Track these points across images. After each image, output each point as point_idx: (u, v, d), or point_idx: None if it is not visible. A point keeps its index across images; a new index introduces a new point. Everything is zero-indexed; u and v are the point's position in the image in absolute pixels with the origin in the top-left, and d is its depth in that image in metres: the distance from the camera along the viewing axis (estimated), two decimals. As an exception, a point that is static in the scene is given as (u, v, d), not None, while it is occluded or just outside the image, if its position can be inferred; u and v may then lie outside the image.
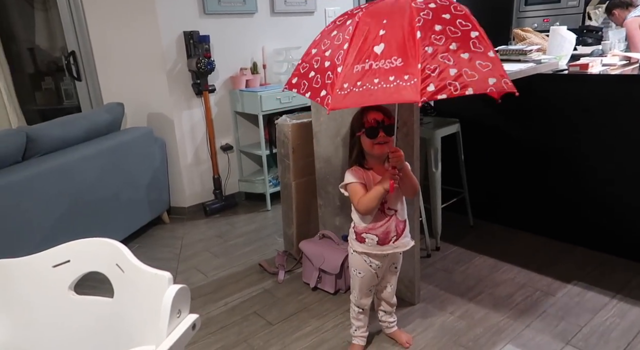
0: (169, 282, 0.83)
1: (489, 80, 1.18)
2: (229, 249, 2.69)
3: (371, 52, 1.21)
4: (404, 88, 1.14)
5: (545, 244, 2.45)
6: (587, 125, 2.25)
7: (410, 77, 1.14)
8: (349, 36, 1.27)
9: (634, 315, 1.84)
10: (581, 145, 2.29)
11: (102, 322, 0.93)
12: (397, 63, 1.17)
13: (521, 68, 2.18)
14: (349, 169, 1.56)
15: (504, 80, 1.20)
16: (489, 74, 1.19)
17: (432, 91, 1.13)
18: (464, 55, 1.18)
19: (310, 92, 1.34)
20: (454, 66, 1.16)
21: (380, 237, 1.55)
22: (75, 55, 2.99)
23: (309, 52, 1.43)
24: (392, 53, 1.18)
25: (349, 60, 1.23)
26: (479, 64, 1.19)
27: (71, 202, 2.26)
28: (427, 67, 1.14)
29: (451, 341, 1.77)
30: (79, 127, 2.47)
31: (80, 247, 0.92)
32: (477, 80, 1.17)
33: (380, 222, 1.54)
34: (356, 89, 1.19)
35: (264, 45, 3.30)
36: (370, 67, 1.19)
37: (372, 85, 1.17)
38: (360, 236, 1.58)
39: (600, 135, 2.22)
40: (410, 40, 1.18)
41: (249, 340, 1.86)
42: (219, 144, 3.26)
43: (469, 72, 1.17)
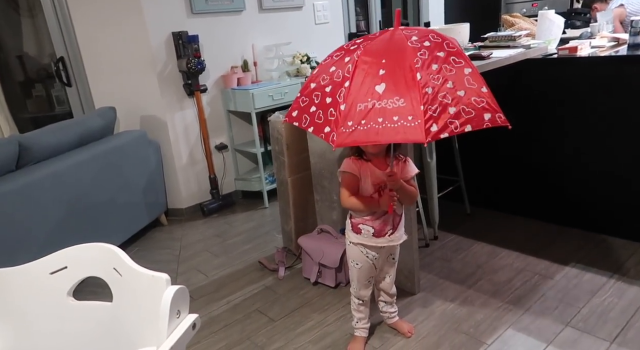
0: (167, 284, 0.84)
1: (484, 116, 1.25)
2: (228, 248, 2.69)
3: (373, 92, 1.24)
4: (409, 128, 1.19)
5: (542, 228, 2.47)
6: (578, 109, 2.26)
7: (414, 118, 1.19)
8: (349, 74, 1.31)
9: (632, 294, 1.86)
10: (573, 128, 2.30)
11: (102, 327, 0.93)
12: (400, 104, 1.21)
13: (510, 54, 2.18)
14: (348, 157, 1.57)
15: (498, 115, 1.27)
16: (484, 110, 1.26)
17: (436, 131, 1.19)
18: (460, 92, 1.24)
19: (313, 126, 1.38)
20: (453, 104, 1.22)
21: (377, 229, 1.56)
22: (64, 61, 2.98)
23: (307, 86, 1.45)
24: (393, 93, 1.23)
25: (352, 99, 1.27)
26: (474, 100, 1.25)
27: (68, 209, 2.26)
28: (429, 107, 1.20)
29: (452, 328, 1.79)
30: (72, 133, 2.47)
31: (76, 252, 0.92)
32: (474, 116, 1.24)
33: (378, 213, 1.55)
34: (361, 127, 1.23)
35: (254, 42, 3.29)
36: (374, 106, 1.23)
37: (377, 124, 1.21)
38: (356, 227, 1.59)
39: (591, 118, 2.23)
40: (410, 82, 1.22)
41: (252, 337, 1.87)
42: (214, 144, 3.25)
43: (466, 109, 1.23)
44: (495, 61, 2.08)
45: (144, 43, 2.86)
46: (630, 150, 2.15)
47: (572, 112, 2.28)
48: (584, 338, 1.66)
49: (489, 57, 2.12)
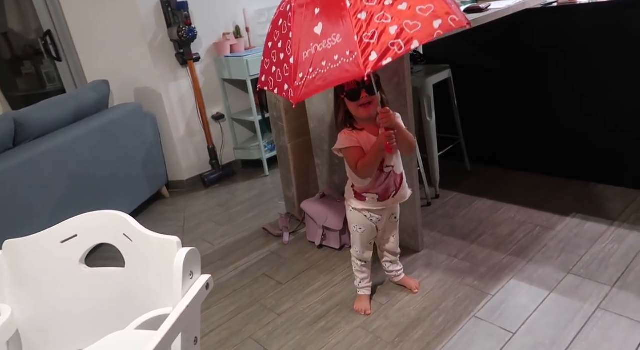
0: (178, 246, 0.85)
1: (433, 23, 1.11)
2: (232, 217, 2.72)
3: (313, 35, 1.17)
4: (348, 65, 1.10)
5: (543, 181, 2.49)
6: (579, 59, 2.23)
7: (350, 51, 1.10)
8: (290, 23, 1.23)
9: (632, 240, 1.90)
10: (573, 79, 2.27)
11: (116, 292, 0.95)
12: (337, 40, 1.13)
13: (509, 5, 2.12)
14: (340, 131, 1.53)
15: (451, 17, 1.12)
16: (433, 17, 1.11)
17: (375, 59, 1.09)
18: (402, 6, 1.12)
19: (277, 87, 1.31)
20: (394, 23, 1.10)
21: (381, 194, 1.57)
22: (52, 35, 2.90)
23: (266, 46, 1.38)
24: (330, 31, 1.14)
25: (297, 48, 1.20)
26: (420, 9, 1.12)
27: (69, 184, 2.27)
28: (365, 35, 1.10)
29: (457, 282, 1.83)
30: (67, 108, 2.44)
31: (85, 220, 0.93)
32: (422, 28, 1.10)
33: (380, 180, 1.54)
34: (310, 76, 1.16)
35: (245, 7, 3.20)
36: (316, 50, 1.16)
37: (322, 68, 1.14)
38: (360, 196, 1.59)
39: (592, 68, 2.20)
40: (342, 12, 1.12)
41: (261, 300, 1.92)
42: (210, 114, 3.22)
43: (410, 23, 1.10)
44: (494, 13, 2.03)
45: (133, 12, 2.78)
46: (630, 100, 2.13)
47: (572, 63, 2.25)
48: (586, 283, 1.70)
49: (487, 9, 2.06)
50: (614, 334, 1.47)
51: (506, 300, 1.69)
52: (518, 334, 1.53)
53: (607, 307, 1.58)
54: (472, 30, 1.97)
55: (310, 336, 1.67)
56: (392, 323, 1.67)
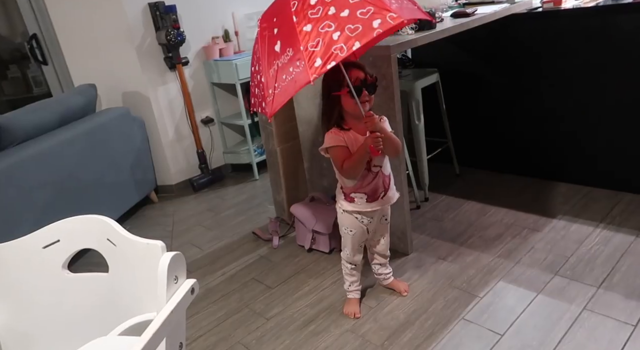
0: (162, 250, 0.84)
1: (373, 23, 1.16)
2: (221, 221, 2.70)
3: (274, 53, 1.25)
4: (298, 74, 1.17)
5: (530, 184, 2.51)
6: (563, 62, 2.26)
7: (300, 61, 1.17)
8: (258, 46, 1.33)
9: (617, 241, 1.92)
10: (559, 83, 2.30)
11: (100, 298, 0.94)
12: (290, 54, 1.20)
13: (495, 10, 2.16)
14: (327, 131, 1.54)
15: (389, 15, 1.17)
16: (372, 18, 1.17)
17: (320, 64, 1.15)
18: (344, 13, 1.18)
19: (259, 107, 1.38)
20: (336, 29, 1.16)
21: (370, 194, 1.57)
22: (38, 39, 2.87)
23: (251, 71, 1.46)
24: (285, 46, 1.22)
25: (264, 68, 1.29)
26: (360, 13, 1.17)
27: (55, 190, 2.24)
28: (310, 45, 1.17)
29: (446, 284, 1.84)
30: (53, 112, 2.41)
31: (68, 225, 0.91)
32: (362, 30, 1.16)
33: (368, 179, 1.55)
34: (276, 90, 1.24)
35: (234, 11, 3.20)
36: (278, 67, 1.23)
37: (282, 82, 1.22)
38: (349, 196, 1.59)
39: (577, 71, 2.23)
40: (291, 28, 1.20)
41: (250, 305, 1.90)
42: (199, 118, 3.21)
43: (352, 26, 1.16)
44: (480, 18, 2.06)
45: (120, 15, 2.76)
46: (615, 104, 2.16)
47: (557, 67, 2.28)
48: (572, 285, 1.72)
49: (474, 14, 2.09)
50: (599, 335, 1.48)
51: (494, 303, 1.70)
52: (506, 335, 1.54)
53: (593, 308, 1.60)
54: (459, 34, 2.00)
55: (299, 340, 1.66)
56: (381, 326, 1.67)
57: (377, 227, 1.69)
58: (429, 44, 1.93)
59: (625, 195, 2.24)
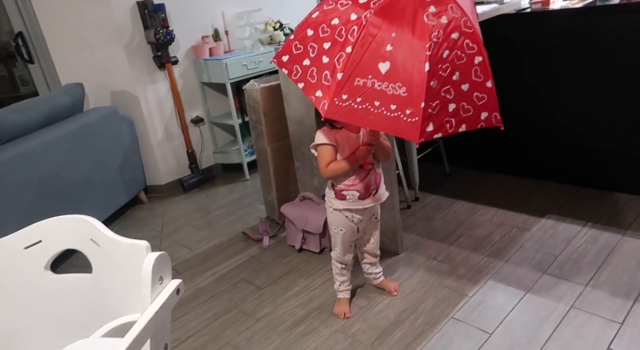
0: (147, 251, 0.83)
1: (481, 115, 1.18)
2: (211, 221, 2.68)
3: (375, 69, 1.13)
4: (405, 123, 1.11)
5: (519, 183, 2.53)
6: (551, 63, 2.27)
7: (412, 113, 1.10)
8: (352, 38, 1.17)
9: (604, 240, 1.94)
10: (546, 83, 2.32)
11: (84, 299, 0.92)
12: (401, 92, 1.11)
13: (484, 10, 2.16)
14: (319, 129, 1.53)
15: (494, 114, 1.22)
16: (483, 108, 1.19)
17: (431, 131, 1.13)
18: (464, 86, 1.16)
19: (303, 83, 1.27)
20: (453, 101, 1.15)
21: (362, 192, 1.55)
22: (24, 37, 2.83)
23: (303, 30, 1.30)
24: (397, 78, 1.12)
25: (351, 69, 1.16)
26: (477, 96, 1.17)
27: (41, 190, 2.20)
28: (430, 104, 1.11)
29: (436, 284, 1.84)
30: (39, 111, 2.37)
31: (51, 225, 0.90)
32: (471, 115, 1.17)
33: (361, 176, 1.54)
34: (356, 105, 1.15)
35: (224, 10, 3.18)
36: (373, 86, 1.13)
37: (373, 107, 1.13)
38: (340, 194, 1.57)
39: (564, 72, 2.25)
40: (417, 70, 1.10)
41: (240, 305, 1.89)
42: (189, 117, 3.18)
43: (465, 106, 1.16)
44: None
45: (108, 13, 2.73)
46: (601, 104, 2.18)
47: (546, 66, 2.30)
48: (561, 283, 1.73)
49: (463, 14, 2.09)
50: (587, 333, 1.49)
51: (483, 301, 1.70)
52: (495, 334, 1.55)
53: (580, 306, 1.61)
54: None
55: (289, 341, 1.66)
56: (371, 326, 1.67)
57: (367, 226, 1.69)
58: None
59: (612, 195, 2.26)
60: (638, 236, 1.93)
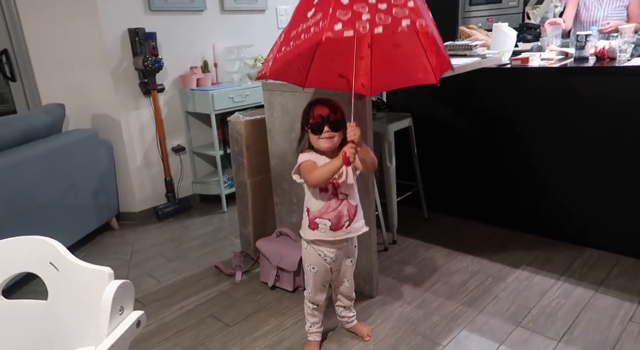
0: (109, 278, 0.78)
1: (402, 22, 1.19)
2: (183, 253, 2.60)
3: (304, 17, 1.24)
4: (315, 33, 1.17)
5: (496, 233, 2.54)
6: (529, 117, 2.36)
7: (322, 21, 1.17)
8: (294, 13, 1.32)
9: (578, 295, 1.94)
10: (524, 136, 2.39)
11: (35, 327, 0.85)
12: (318, 17, 1.20)
13: (467, 62, 2.25)
14: (300, 153, 1.55)
15: (420, 21, 1.20)
16: (403, 18, 1.19)
17: (340, 29, 1.15)
18: (382, 5, 1.19)
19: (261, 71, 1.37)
20: (368, 13, 1.18)
21: (333, 222, 1.52)
22: (8, 54, 2.80)
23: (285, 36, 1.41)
24: (317, 12, 1.22)
25: (287, 29, 1.30)
26: (396, 13, 1.20)
27: (7, 209, 2.11)
28: (339, 11, 1.16)
29: (409, 330, 1.79)
30: (14, 128, 2.31)
31: (7, 246, 0.84)
32: (389, 23, 1.18)
33: (332, 205, 1.52)
34: (288, 48, 1.24)
35: (215, 43, 3.24)
36: (301, 28, 1.23)
37: (299, 41, 1.21)
38: (313, 223, 1.54)
39: (541, 126, 2.33)
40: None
41: (205, 343, 1.80)
42: (170, 145, 3.15)
43: (382, 17, 1.18)
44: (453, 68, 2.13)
45: (97, 38, 2.74)
46: (579, 158, 2.25)
47: (523, 120, 2.38)
48: (534, 337, 1.71)
49: (447, 64, 2.17)
50: (561, 390, 1.46)
51: (457, 351, 1.66)
52: (468, 387, 1.50)
53: (554, 361, 1.58)
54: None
55: (253, 385, 1.57)
56: (341, 372, 1.60)
57: (342, 268, 1.65)
58: (404, 89, 1.98)
59: (584, 250, 2.29)
60: (611, 293, 1.94)
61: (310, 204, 1.56)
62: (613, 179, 2.17)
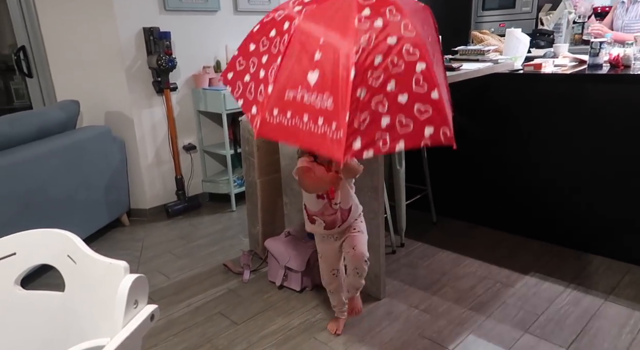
0: (125, 272, 0.80)
1: (425, 130, 1.03)
2: (192, 250, 2.62)
3: (304, 80, 1.03)
4: (329, 140, 0.99)
5: (504, 238, 2.53)
6: (540, 123, 2.35)
7: (337, 127, 0.98)
8: (283, 47, 1.08)
9: (587, 303, 1.93)
10: (536, 142, 2.38)
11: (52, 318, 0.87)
12: (328, 104, 1.00)
13: (479, 67, 2.25)
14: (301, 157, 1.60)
15: (443, 129, 1.05)
16: (427, 123, 1.03)
17: (358, 148, 0.98)
18: (402, 97, 1.01)
19: (243, 99, 1.19)
20: (387, 114, 1.00)
21: (327, 223, 1.62)
22: (26, 51, 2.85)
23: (246, 45, 1.24)
24: (324, 88, 1.01)
25: (281, 81, 1.06)
26: (418, 109, 1.02)
27: (21, 204, 2.14)
28: (357, 116, 0.98)
29: (416, 334, 1.79)
30: (29, 124, 2.35)
31: (27, 238, 0.86)
32: (411, 131, 1.02)
33: (329, 212, 1.60)
34: (285, 121, 1.05)
35: (227, 43, 3.26)
36: (302, 99, 1.03)
37: (301, 123, 1.02)
38: (311, 218, 1.64)
39: (553, 132, 2.32)
40: (343, 78, 0.98)
41: (213, 340, 1.81)
42: (182, 144, 3.18)
43: (403, 121, 1.01)
44: (465, 72, 2.14)
45: (113, 36, 2.78)
46: (587, 164, 2.24)
47: (534, 126, 2.37)
48: (542, 344, 1.70)
49: (459, 69, 2.17)
50: (568, 397, 1.45)
51: (464, 356, 1.66)
52: (474, 392, 1.49)
53: (562, 368, 1.57)
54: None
55: (259, 383, 1.58)
56: (346, 373, 1.60)
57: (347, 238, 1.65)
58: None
59: (594, 258, 2.27)
60: (621, 302, 1.92)
61: (307, 202, 1.64)
62: (625, 186, 2.15)
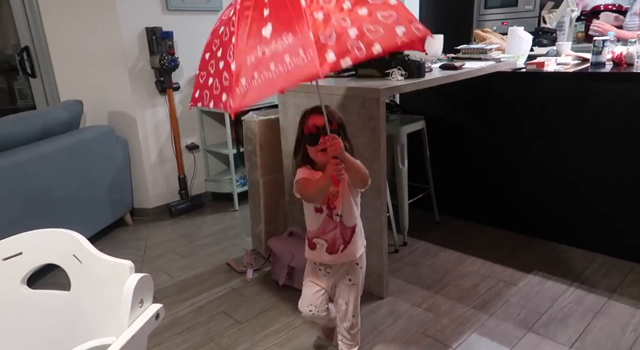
0: (130, 271, 0.80)
1: (396, 30, 1.04)
2: (195, 250, 2.63)
3: (261, 37, 1.05)
4: (303, 65, 0.99)
5: (507, 237, 2.53)
6: (543, 121, 2.34)
7: (304, 50, 0.99)
8: (234, 27, 1.10)
9: (590, 301, 1.93)
10: (538, 141, 2.38)
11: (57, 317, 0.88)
12: (289, 40, 1.02)
13: (482, 66, 2.25)
14: (297, 168, 1.46)
15: (414, 25, 1.05)
16: (395, 24, 1.04)
17: (333, 60, 0.99)
18: (362, 11, 1.04)
19: (213, 100, 1.17)
20: (353, 26, 1.02)
21: (329, 243, 1.45)
22: (29, 51, 2.87)
23: (203, 58, 1.26)
24: (281, 30, 1.03)
25: (241, 53, 1.07)
26: (382, 16, 1.04)
27: (25, 204, 2.15)
28: (321, 33, 1.00)
29: (419, 332, 1.79)
30: (33, 124, 2.36)
31: (33, 238, 0.87)
32: (383, 34, 1.03)
33: (329, 226, 1.44)
34: (254, 82, 1.04)
35: (230, 43, 3.26)
36: (264, 54, 1.03)
37: (270, 72, 1.02)
38: (311, 242, 1.48)
39: (555, 130, 2.31)
40: (296, 12, 1.02)
41: (216, 339, 1.82)
42: (185, 143, 3.19)
43: (372, 28, 1.03)
44: (468, 71, 2.14)
45: (115, 36, 2.79)
46: (590, 163, 2.24)
47: (537, 124, 2.37)
48: (545, 343, 1.70)
49: (462, 68, 2.17)
50: (571, 396, 1.45)
51: (467, 355, 1.66)
52: (477, 390, 1.50)
53: (565, 367, 1.57)
54: (446, 86, 2.07)
55: (263, 381, 1.58)
56: (350, 372, 1.60)
57: (340, 288, 1.51)
58: (417, 92, 1.99)
59: (598, 256, 2.27)
60: (624, 301, 1.92)
61: (308, 223, 1.49)
62: (628, 185, 2.14)
